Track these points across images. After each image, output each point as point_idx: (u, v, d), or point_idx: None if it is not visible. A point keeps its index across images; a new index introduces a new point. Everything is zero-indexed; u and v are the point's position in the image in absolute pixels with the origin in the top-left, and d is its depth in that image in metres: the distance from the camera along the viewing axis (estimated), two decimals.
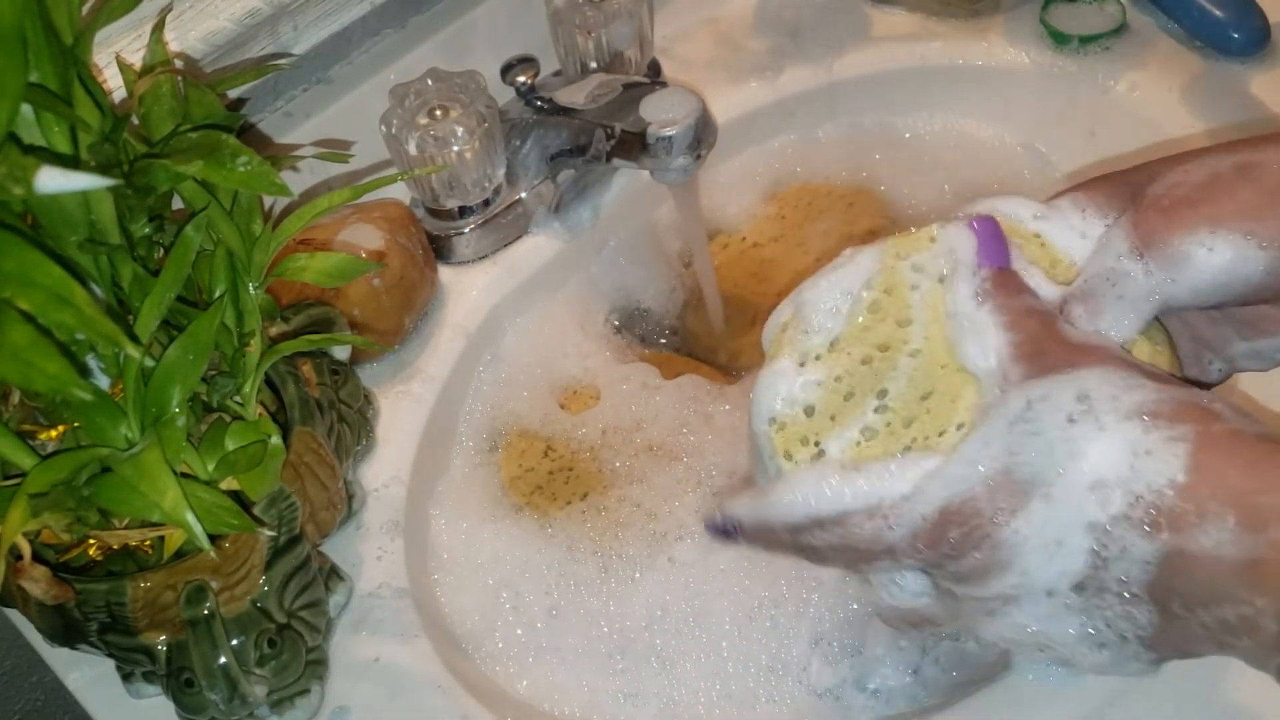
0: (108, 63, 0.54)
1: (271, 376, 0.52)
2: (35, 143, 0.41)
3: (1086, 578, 0.38)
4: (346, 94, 0.68)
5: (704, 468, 0.63)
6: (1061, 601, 0.39)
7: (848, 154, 0.77)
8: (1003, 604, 0.40)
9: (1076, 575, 0.38)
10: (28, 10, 0.37)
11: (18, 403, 0.47)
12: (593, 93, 0.65)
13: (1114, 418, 0.38)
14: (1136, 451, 0.37)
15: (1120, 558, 0.37)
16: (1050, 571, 0.39)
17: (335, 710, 0.52)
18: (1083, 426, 0.38)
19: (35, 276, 0.36)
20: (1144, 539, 0.37)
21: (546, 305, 0.70)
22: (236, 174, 0.42)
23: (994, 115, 0.76)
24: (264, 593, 0.49)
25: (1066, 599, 0.39)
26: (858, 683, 0.55)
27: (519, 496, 0.63)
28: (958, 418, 0.40)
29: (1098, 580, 0.38)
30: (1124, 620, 0.38)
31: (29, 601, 0.47)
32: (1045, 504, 0.38)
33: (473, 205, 0.67)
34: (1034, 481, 0.38)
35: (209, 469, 0.46)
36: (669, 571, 0.59)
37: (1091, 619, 0.39)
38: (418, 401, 0.63)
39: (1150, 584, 0.37)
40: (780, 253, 0.73)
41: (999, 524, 0.39)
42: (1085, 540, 0.38)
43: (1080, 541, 0.38)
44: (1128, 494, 0.37)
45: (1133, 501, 0.37)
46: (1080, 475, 0.38)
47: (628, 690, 0.56)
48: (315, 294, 0.59)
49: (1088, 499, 0.38)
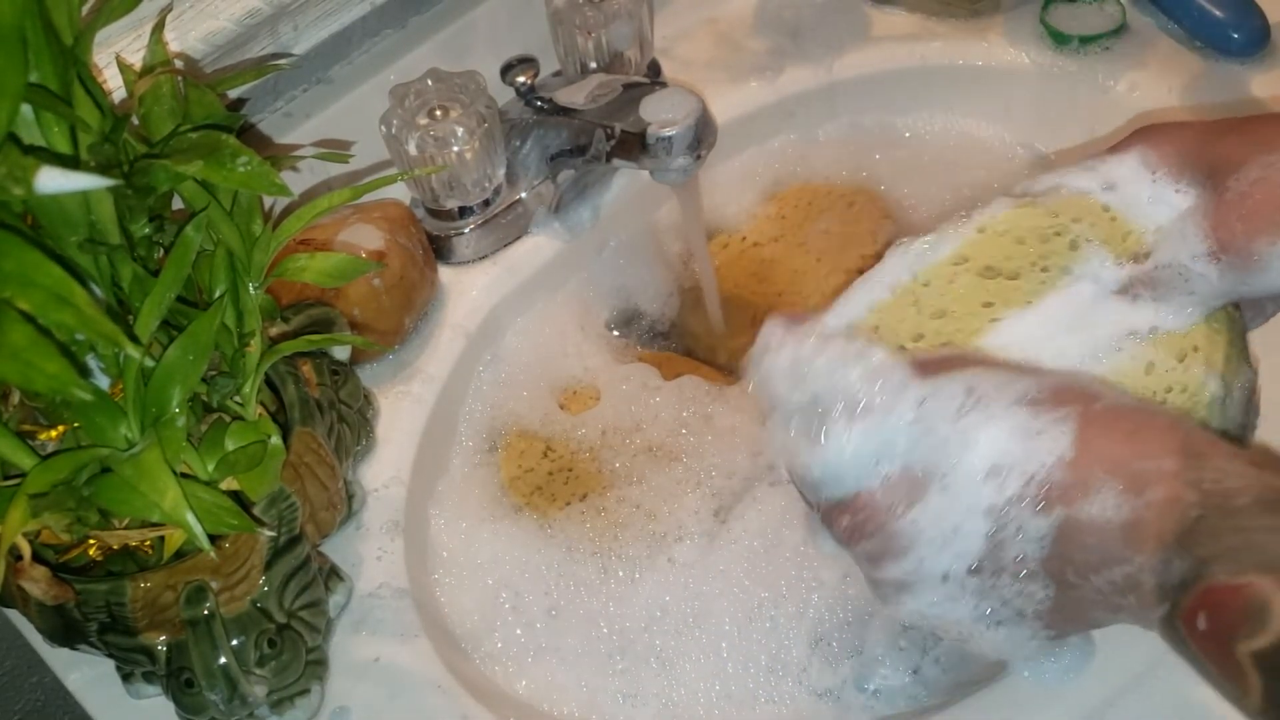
0: (108, 63, 0.54)
1: (271, 377, 0.52)
2: (35, 143, 0.41)
3: (983, 560, 0.40)
4: (346, 94, 0.68)
5: (703, 468, 0.63)
6: (957, 584, 0.41)
7: (848, 154, 0.77)
8: (896, 590, 0.42)
9: (972, 558, 0.40)
10: (28, 10, 0.37)
11: (18, 403, 0.47)
12: (593, 93, 0.65)
13: (1001, 405, 0.40)
14: (1027, 434, 0.39)
15: (1016, 537, 0.39)
16: (945, 557, 0.40)
17: (335, 710, 0.52)
18: (973, 417, 0.40)
19: (35, 276, 0.36)
20: (1038, 515, 0.38)
21: (546, 305, 0.70)
22: (236, 174, 0.42)
23: (994, 115, 0.76)
24: (264, 593, 0.49)
25: (962, 582, 0.41)
26: (858, 683, 0.55)
27: (519, 497, 0.63)
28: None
29: (994, 561, 0.40)
30: (1020, 598, 0.40)
31: (29, 602, 0.47)
32: (942, 494, 0.40)
33: (473, 205, 0.67)
34: (930, 474, 0.40)
35: (209, 469, 0.46)
36: (668, 572, 0.59)
37: (988, 599, 0.41)
38: (418, 402, 0.63)
39: (1045, 559, 0.39)
40: (780, 253, 0.73)
41: (896, 515, 0.40)
42: (982, 524, 0.39)
43: (977, 526, 0.39)
44: (1022, 475, 0.39)
45: (1026, 481, 0.39)
46: (975, 463, 0.39)
47: (627, 690, 0.56)
48: (315, 294, 0.59)
49: (984, 485, 0.39)
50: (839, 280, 0.69)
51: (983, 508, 0.39)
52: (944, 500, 0.40)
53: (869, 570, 0.43)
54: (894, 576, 0.42)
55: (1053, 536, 0.38)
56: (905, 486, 0.40)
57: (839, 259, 0.70)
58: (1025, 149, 0.75)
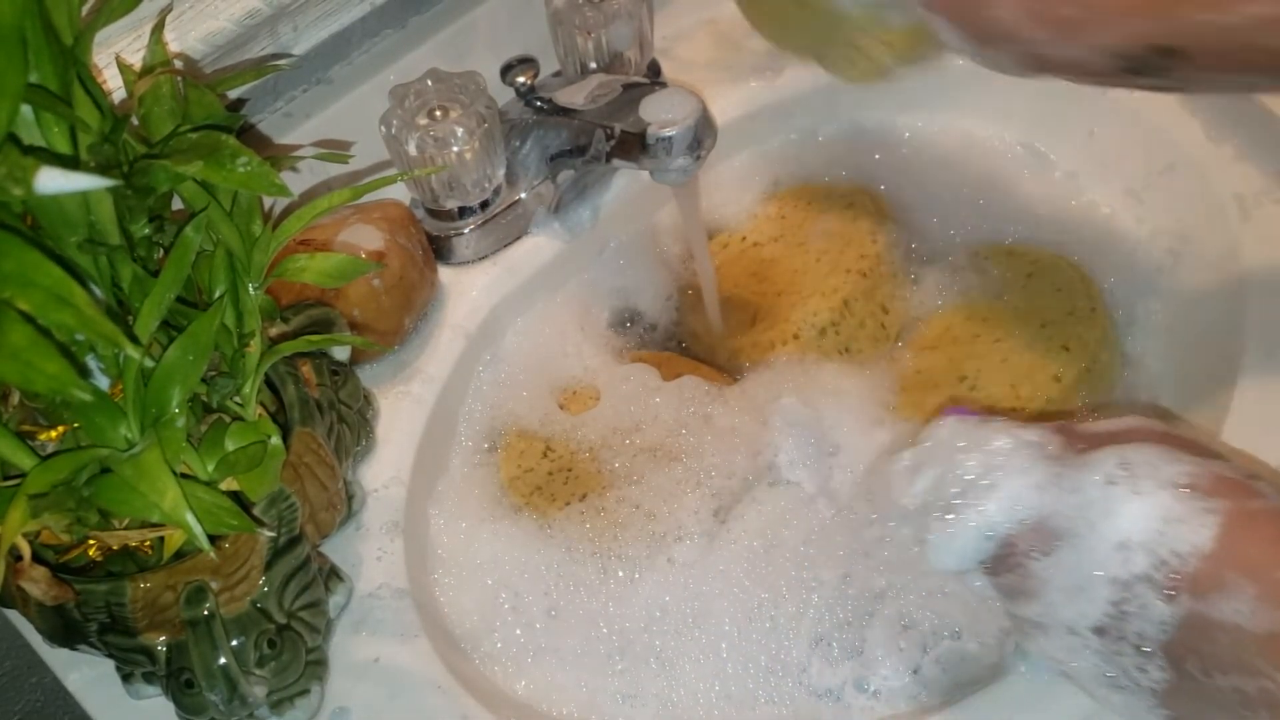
0: (108, 63, 0.54)
1: (271, 377, 0.52)
2: (35, 143, 0.40)
3: (1105, 625, 0.41)
4: (346, 94, 0.68)
5: (703, 469, 0.63)
6: (1081, 640, 0.42)
7: (848, 154, 0.77)
8: (1032, 628, 0.44)
9: (1095, 620, 0.41)
10: (28, 10, 0.37)
11: (18, 403, 0.47)
12: (592, 93, 0.65)
13: (1151, 484, 0.40)
14: (1168, 518, 0.40)
15: (1139, 614, 0.40)
16: (1070, 610, 0.42)
17: (335, 711, 0.52)
18: (1120, 489, 0.41)
19: (35, 277, 0.36)
20: (1163, 601, 0.39)
21: (546, 306, 0.70)
22: (236, 174, 0.42)
23: (994, 115, 0.76)
24: (264, 593, 0.49)
25: (1086, 639, 0.42)
26: (858, 683, 0.55)
27: (518, 497, 0.63)
28: None
29: (1116, 629, 0.40)
30: (1138, 670, 0.41)
31: (29, 602, 0.47)
32: (1073, 552, 0.41)
33: (472, 206, 0.67)
34: (1066, 530, 0.42)
35: (209, 469, 0.46)
36: (668, 572, 0.59)
37: (1109, 662, 0.41)
38: (417, 402, 0.63)
39: (1167, 643, 0.39)
40: (780, 252, 0.73)
41: (1034, 558, 0.42)
42: (1105, 591, 0.40)
43: (1101, 592, 0.40)
44: (1150, 555, 0.39)
45: (1156, 564, 0.39)
46: (1110, 532, 0.40)
47: (626, 691, 0.56)
48: (315, 294, 0.59)
49: (1112, 555, 0.40)
50: (839, 280, 0.69)
51: (1109, 576, 0.40)
52: (1074, 557, 0.41)
53: (1010, 606, 0.45)
54: (1028, 615, 0.44)
55: (1176, 624, 0.39)
56: (1042, 535, 0.42)
57: (839, 259, 0.70)
58: (1025, 149, 0.75)
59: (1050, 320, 0.66)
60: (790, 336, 0.68)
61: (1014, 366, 0.64)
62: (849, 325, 0.68)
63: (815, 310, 0.68)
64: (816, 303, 0.68)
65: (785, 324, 0.68)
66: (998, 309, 0.68)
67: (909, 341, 0.69)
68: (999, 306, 0.68)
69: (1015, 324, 0.67)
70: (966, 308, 0.69)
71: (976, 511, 0.44)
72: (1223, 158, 0.66)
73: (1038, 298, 0.67)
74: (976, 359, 0.66)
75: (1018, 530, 0.43)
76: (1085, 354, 0.64)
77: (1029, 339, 0.65)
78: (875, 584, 0.57)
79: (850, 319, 0.68)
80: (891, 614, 0.56)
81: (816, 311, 0.68)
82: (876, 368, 0.67)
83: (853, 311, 0.68)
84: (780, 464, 0.62)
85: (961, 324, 0.68)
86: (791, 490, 0.61)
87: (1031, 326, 0.66)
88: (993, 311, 0.68)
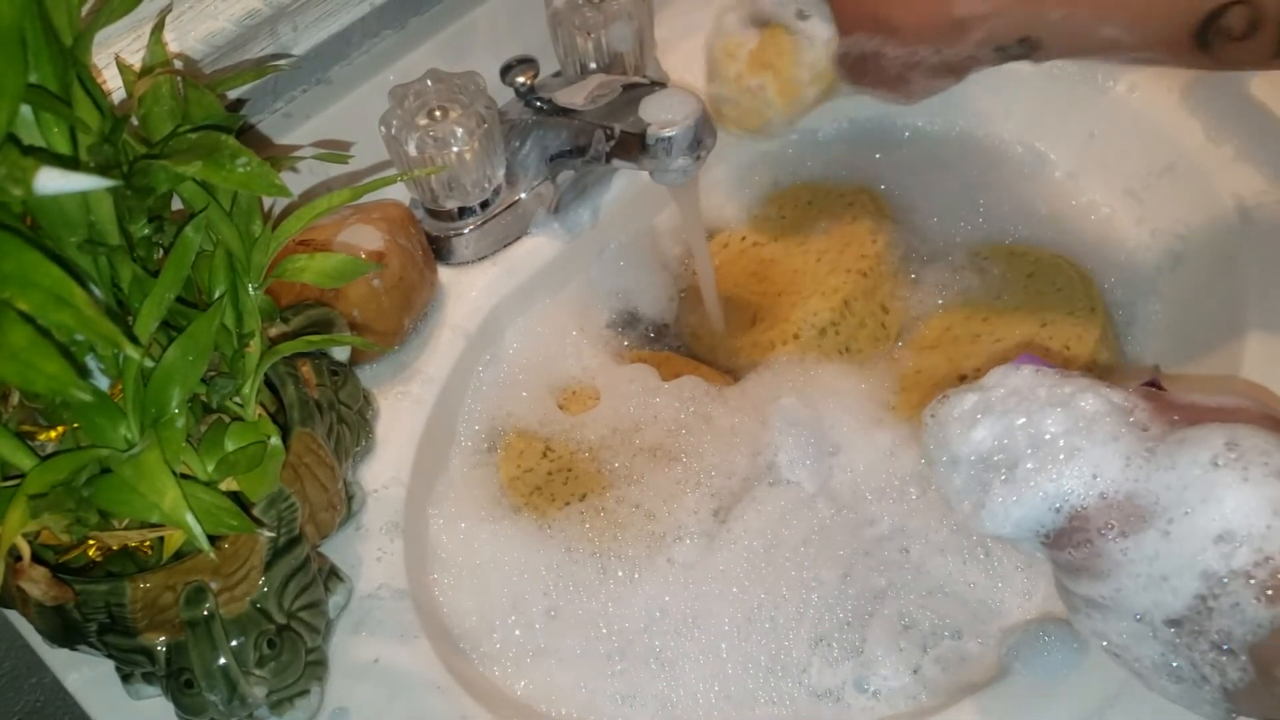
0: (107, 63, 0.54)
1: (271, 377, 0.52)
2: (35, 143, 0.40)
3: (1184, 618, 0.37)
4: (346, 95, 0.68)
5: (703, 469, 0.63)
6: (1150, 629, 0.38)
7: (848, 154, 0.77)
8: (1088, 606, 0.40)
9: (1173, 612, 0.38)
10: (27, 11, 0.37)
11: (17, 403, 0.47)
12: (592, 93, 0.65)
13: (1261, 472, 0.37)
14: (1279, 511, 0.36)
15: (1229, 613, 0.36)
16: (1144, 598, 0.38)
17: (335, 711, 0.52)
18: (1226, 473, 0.37)
19: (35, 277, 0.36)
20: (1263, 603, 0.36)
21: (546, 306, 0.70)
22: (236, 175, 0.42)
23: (994, 115, 0.76)
24: (263, 594, 0.49)
25: (1156, 629, 0.38)
26: (858, 683, 0.55)
27: (518, 497, 0.63)
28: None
29: (1196, 624, 0.37)
30: (1212, 668, 0.38)
31: (28, 602, 0.47)
32: (1161, 537, 0.37)
33: (472, 206, 0.67)
34: (1154, 512, 0.38)
35: (208, 470, 0.46)
36: (668, 572, 0.59)
37: (1177, 654, 0.38)
38: (417, 402, 0.63)
39: (1256, 645, 0.36)
40: (780, 252, 0.73)
41: (1105, 536, 0.38)
42: (1194, 585, 0.37)
43: (1189, 584, 0.37)
44: (1257, 552, 0.36)
45: (1259, 561, 0.36)
46: (1209, 521, 0.37)
47: (626, 691, 0.56)
48: (315, 295, 0.59)
49: (1211, 547, 0.37)
50: (839, 280, 0.69)
51: (1200, 568, 0.37)
52: (1161, 543, 0.37)
53: (1065, 579, 0.41)
54: (1089, 594, 0.40)
55: (1271, 627, 0.36)
56: (1123, 513, 0.38)
57: (839, 259, 0.70)
58: (1025, 149, 0.75)
59: (1050, 320, 0.66)
60: (790, 336, 0.68)
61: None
62: (849, 325, 0.68)
63: (815, 310, 0.68)
64: (816, 302, 0.68)
65: (785, 324, 0.68)
66: (998, 309, 0.68)
67: (909, 341, 0.69)
68: (999, 306, 0.68)
69: (1016, 324, 0.67)
70: (967, 307, 0.69)
71: (1049, 479, 0.40)
72: (1223, 158, 0.66)
73: (1038, 297, 0.67)
74: (977, 359, 0.66)
75: (1094, 504, 0.39)
76: (1085, 353, 0.64)
77: (1029, 338, 0.65)
78: (875, 584, 0.57)
79: (850, 319, 0.68)
80: (891, 614, 0.56)
81: (816, 311, 0.68)
82: (876, 368, 0.67)
83: (853, 311, 0.69)
84: (780, 464, 0.62)
85: (962, 324, 0.68)
86: (791, 490, 0.61)
87: (1032, 326, 0.66)
88: (993, 311, 0.68)
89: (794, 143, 0.78)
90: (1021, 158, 0.75)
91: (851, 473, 0.62)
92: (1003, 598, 0.56)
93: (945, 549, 0.58)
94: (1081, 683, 0.49)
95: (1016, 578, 0.57)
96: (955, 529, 0.59)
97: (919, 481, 0.61)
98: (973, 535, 0.58)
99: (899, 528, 0.59)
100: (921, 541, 0.59)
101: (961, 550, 0.58)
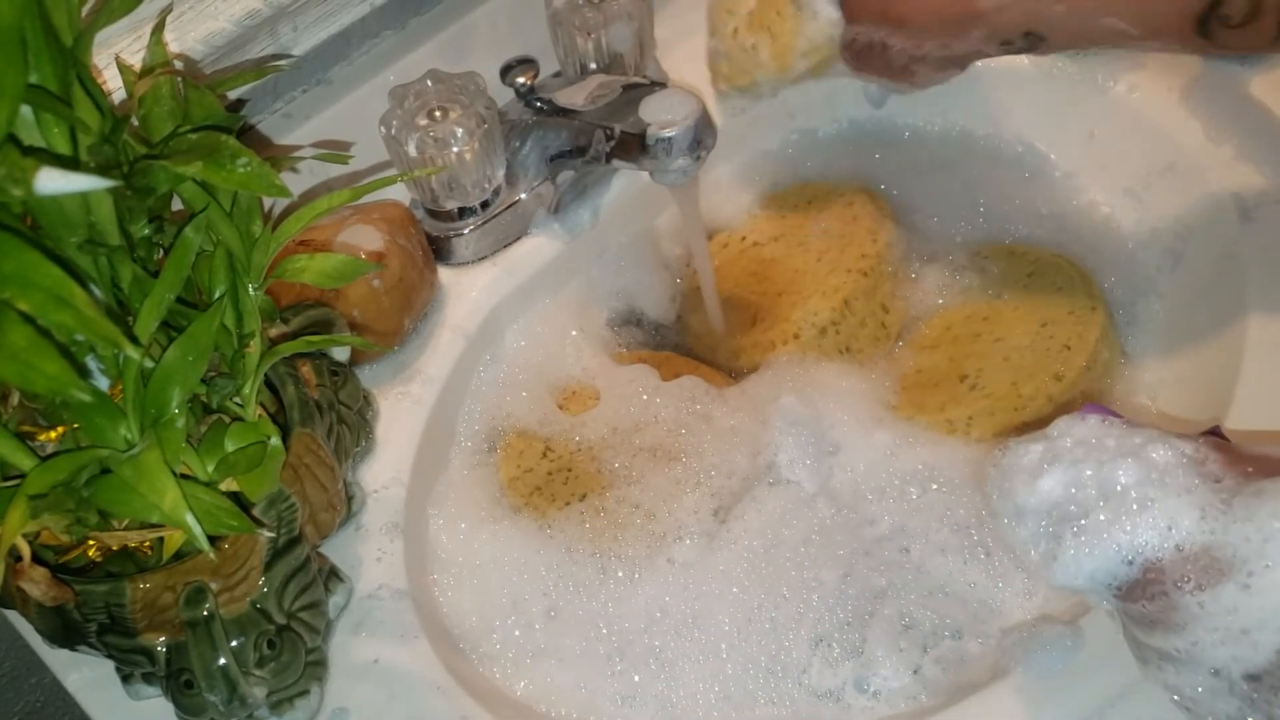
0: (107, 64, 0.54)
1: (271, 378, 0.52)
2: (35, 144, 0.40)
3: (1265, 673, 0.37)
4: (346, 95, 0.68)
5: (703, 469, 0.63)
6: (1227, 684, 0.38)
7: (848, 154, 0.77)
8: (1161, 659, 0.40)
9: (1254, 667, 0.37)
10: (27, 11, 0.37)
11: (17, 404, 0.47)
12: (592, 94, 0.65)
13: None
14: None
15: None
16: (1223, 653, 0.38)
17: (334, 711, 0.52)
18: None
19: (35, 278, 0.36)
20: None
21: (546, 306, 0.70)
22: (236, 175, 0.42)
23: (994, 115, 0.76)
24: (263, 594, 0.49)
25: (1234, 684, 0.38)
26: (858, 684, 0.55)
27: (518, 497, 0.63)
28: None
29: (1276, 678, 0.37)
30: None
31: (28, 603, 0.47)
32: (1240, 591, 0.37)
33: (472, 206, 0.67)
34: (1232, 565, 0.37)
35: (208, 470, 0.46)
36: (668, 573, 0.59)
37: (1255, 709, 0.38)
38: (417, 403, 0.63)
39: None
40: (780, 252, 0.73)
41: (1181, 589, 0.38)
42: (1276, 639, 0.37)
43: (1270, 639, 0.37)
44: None
45: None
46: None
47: (626, 692, 0.56)
48: (315, 295, 0.59)
49: None
50: (839, 280, 0.69)
51: None
52: (1240, 597, 0.37)
53: (1137, 631, 0.41)
54: (1163, 648, 0.40)
55: None
56: (1200, 566, 0.38)
57: (839, 259, 0.70)
58: (1025, 149, 0.75)
59: (1051, 319, 0.66)
60: (790, 336, 0.68)
61: (1015, 365, 0.64)
62: (849, 325, 0.68)
63: (815, 310, 0.68)
64: (817, 302, 0.68)
65: (785, 324, 0.68)
66: (998, 308, 0.68)
67: (910, 341, 0.69)
68: (1000, 306, 0.68)
69: (1016, 323, 0.67)
70: (967, 307, 0.69)
71: (1123, 530, 0.39)
72: (1223, 158, 0.66)
73: (1038, 297, 0.67)
74: (977, 358, 0.66)
75: (1170, 557, 0.38)
76: (1086, 353, 0.64)
77: (1030, 338, 0.65)
78: (875, 584, 0.57)
79: (851, 318, 0.68)
80: (891, 614, 0.56)
81: (817, 311, 0.68)
82: (877, 367, 0.67)
83: (853, 311, 0.69)
84: (780, 464, 0.62)
85: (962, 323, 0.68)
86: (791, 490, 0.61)
87: (1032, 325, 0.66)
88: (993, 311, 0.68)
89: (794, 143, 0.78)
90: (1021, 158, 0.75)
91: (852, 472, 0.62)
92: (1003, 598, 0.56)
93: (945, 549, 0.58)
94: (1081, 683, 0.49)
95: (1016, 578, 0.57)
96: (955, 529, 0.59)
97: (919, 481, 0.61)
98: (973, 535, 0.58)
99: (899, 528, 0.59)
100: (922, 541, 0.59)
101: (962, 550, 0.58)
